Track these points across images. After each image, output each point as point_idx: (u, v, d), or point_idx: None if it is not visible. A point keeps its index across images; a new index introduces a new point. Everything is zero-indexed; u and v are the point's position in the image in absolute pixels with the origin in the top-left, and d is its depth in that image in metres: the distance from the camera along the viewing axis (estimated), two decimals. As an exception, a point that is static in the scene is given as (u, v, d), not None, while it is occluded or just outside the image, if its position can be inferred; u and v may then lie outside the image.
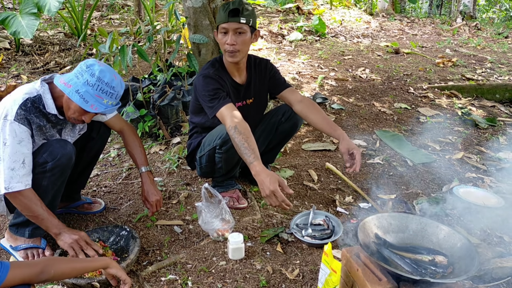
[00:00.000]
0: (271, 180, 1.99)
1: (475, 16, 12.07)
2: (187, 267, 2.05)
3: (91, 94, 1.84)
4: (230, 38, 2.23)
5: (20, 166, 1.85)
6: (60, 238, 1.94)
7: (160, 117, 3.39)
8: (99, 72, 1.85)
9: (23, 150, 1.87)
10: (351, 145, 2.30)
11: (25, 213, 1.91)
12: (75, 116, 1.93)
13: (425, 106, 4.47)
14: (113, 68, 2.04)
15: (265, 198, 2.03)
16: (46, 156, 1.94)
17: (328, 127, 2.41)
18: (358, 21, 9.59)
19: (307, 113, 2.47)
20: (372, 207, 2.60)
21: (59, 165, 1.96)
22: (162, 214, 2.50)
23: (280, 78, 2.58)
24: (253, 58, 2.52)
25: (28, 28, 4.23)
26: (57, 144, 1.98)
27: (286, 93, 2.55)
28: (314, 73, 5.38)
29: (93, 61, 1.89)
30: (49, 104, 1.95)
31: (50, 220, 1.92)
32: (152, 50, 5.40)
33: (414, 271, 1.67)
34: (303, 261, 2.10)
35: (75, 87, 1.84)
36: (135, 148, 2.28)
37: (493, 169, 3.18)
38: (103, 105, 1.88)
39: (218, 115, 2.23)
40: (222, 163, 2.42)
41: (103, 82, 1.85)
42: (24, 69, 4.93)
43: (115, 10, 8.38)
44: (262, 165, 2.06)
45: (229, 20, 2.20)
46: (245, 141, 2.09)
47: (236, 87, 2.45)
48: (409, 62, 6.31)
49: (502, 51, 7.48)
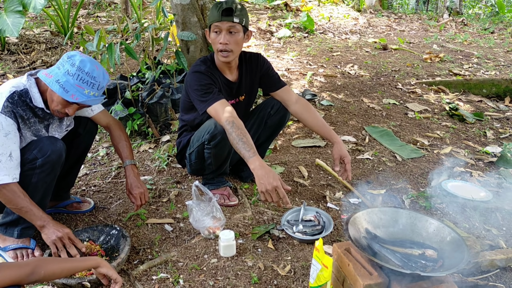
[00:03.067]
0: (274, 176, 1.99)
1: (461, 12, 12.19)
2: (179, 265, 2.04)
3: (71, 83, 1.83)
4: (223, 38, 2.22)
5: (7, 159, 1.83)
6: (44, 232, 1.92)
7: (149, 115, 3.37)
8: (79, 62, 1.83)
9: (9, 143, 1.85)
10: (343, 153, 2.39)
11: (9, 206, 1.89)
12: (58, 108, 1.91)
13: (413, 102, 4.51)
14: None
15: (263, 193, 2.00)
16: (36, 152, 1.93)
17: (323, 130, 2.50)
18: (346, 17, 9.62)
19: (303, 114, 2.51)
20: (362, 202, 2.61)
21: (49, 162, 1.95)
22: (152, 213, 2.49)
23: (274, 75, 2.57)
24: (243, 54, 2.50)
25: (14, 27, 4.16)
26: (47, 141, 1.97)
27: (281, 93, 2.54)
28: (303, 70, 5.39)
29: (75, 53, 1.88)
30: (36, 97, 1.94)
31: (34, 212, 1.90)
32: (140, 47, 5.37)
33: (404, 265, 1.68)
34: (295, 257, 2.11)
35: (55, 77, 1.83)
36: (121, 142, 2.27)
37: (480, 163, 3.22)
38: (84, 95, 1.85)
39: (211, 110, 2.22)
40: (212, 159, 2.42)
41: (83, 72, 1.83)
42: (10, 68, 4.87)
43: (101, 8, 8.31)
44: (262, 159, 2.06)
45: (222, 19, 2.19)
46: (243, 135, 2.09)
47: (228, 84, 2.44)
48: (397, 58, 6.35)
49: (489, 46, 7.56)
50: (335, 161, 2.42)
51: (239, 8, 2.22)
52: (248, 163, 2.06)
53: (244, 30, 2.28)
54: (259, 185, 2.00)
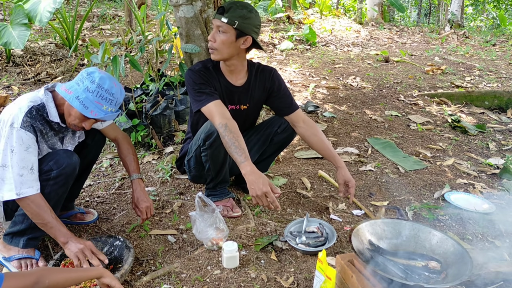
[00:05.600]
0: (264, 181, 2.04)
1: (463, 25, 12.26)
2: (182, 277, 2.05)
3: (91, 100, 1.87)
4: (212, 34, 2.25)
5: (29, 172, 1.87)
6: (67, 247, 1.94)
7: (152, 127, 3.39)
8: (99, 79, 1.88)
9: (30, 156, 1.89)
10: (347, 177, 2.46)
11: (35, 220, 1.91)
12: (75, 122, 1.96)
13: (415, 114, 4.52)
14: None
15: (254, 197, 2.06)
16: (52, 164, 1.96)
17: (328, 153, 2.53)
18: (348, 30, 9.69)
19: (309, 137, 2.53)
20: (365, 214, 2.61)
21: (63, 174, 1.98)
22: (155, 224, 2.49)
23: (287, 97, 2.54)
24: (256, 64, 2.50)
25: (19, 39, 4.22)
26: (64, 154, 2.01)
27: (292, 116, 2.54)
28: (306, 82, 5.42)
29: (93, 69, 1.93)
30: (52, 112, 1.98)
31: (58, 229, 1.93)
32: (144, 60, 5.41)
33: (408, 277, 1.68)
34: (298, 269, 2.10)
35: (75, 94, 1.88)
36: (128, 156, 2.30)
37: (483, 175, 3.22)
38: (102, 111, 1.91)
39: (205, 110, 2.23)
40: (209, 162, 2.41)
41: (102, 89, 1.88)
42: (15, 80, 4.91)
43: (106, 21, 8.39)
44: (253, 165, 2.09)
45: (215, 16, 2.23)
46: (235, 139, 2.11)
47: (230, 88, 2.43)
48: (399, 70, 6.38)
49: (490, 58, 7.59)
50: (340, 186, 2.49)
51: (234, 10, 2.17)
52: (240, 168, 2.09)
53: (237, 33, 2.21)
54: (250, 190, 2.06)
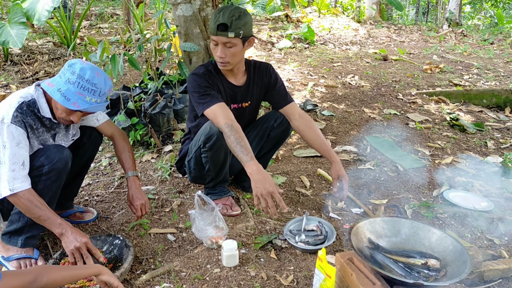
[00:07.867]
0: (270, 181, 2.03)
1: (461, 23, 12.27)
2: (181, 275, 2.05)
3: (73, 92, 1.85)
4: (220, 51, 2.23)
5: (20, 168, 1.87)
6: (63, 239, 1.92)
7: (151, 126, 3.39)
8: (79, 69, 1.86)
9: (22, 152, 1.88)
10: (341, 173, 2.47)
11: (28, 214, 1.91)
12: (63, 116, 1.95)
13: (414, 112, 4.53)
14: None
15: (258, 197, 2.05)
16: (43, 159, 1.95)
17: (322, 148, 2.54)
18: (346, 28, 9.69)
19: (304, 131, 2.53)
20: (364, 212, 2.62)
21: (55, 169, 1.97)
22: (155, 223, 2.49)
23: (282, 90, 2.57)
24: (253, 62, 2.52)
25: (17, 38, 4.22)
26: (54, 149, 2.00)
27: (287, 108, 2.56)
28: (304, 80, 5.42)
29: (75, 60, 1.91)
30: (43, 107, 1.97)
31: (52, 221, 1.90)
32: (142, 58, 5.41)
33: (407, 274, 1.69)
34: (297, 267, 2.11)
35: (57, 86, 1.87)
36: (124, 153, 2.29)
37: (482, 173, 3.22)
38: (86, 102, 1.88)
39: (209, 112, 2.23)
40: (209, 163, 2.41)
41: (83, 79, 1.85)
42: (13, 79, 4.90)
43: (104, 19, 8.37)
44: (259, 164, 2.09)
45: (217, 33, 2.18)
46: (241, 139, 2.12)
47: (232, 88, 2.44)
48: (397, 68, 6.39)
49: (488, 57, 7.61)
50: (334, 180, 2.49)
51: (235, 21, 2.15)
52: (245, 167, 2.09)
53: (243, 40, 2.23)
54: (254, 189, 2.05)
